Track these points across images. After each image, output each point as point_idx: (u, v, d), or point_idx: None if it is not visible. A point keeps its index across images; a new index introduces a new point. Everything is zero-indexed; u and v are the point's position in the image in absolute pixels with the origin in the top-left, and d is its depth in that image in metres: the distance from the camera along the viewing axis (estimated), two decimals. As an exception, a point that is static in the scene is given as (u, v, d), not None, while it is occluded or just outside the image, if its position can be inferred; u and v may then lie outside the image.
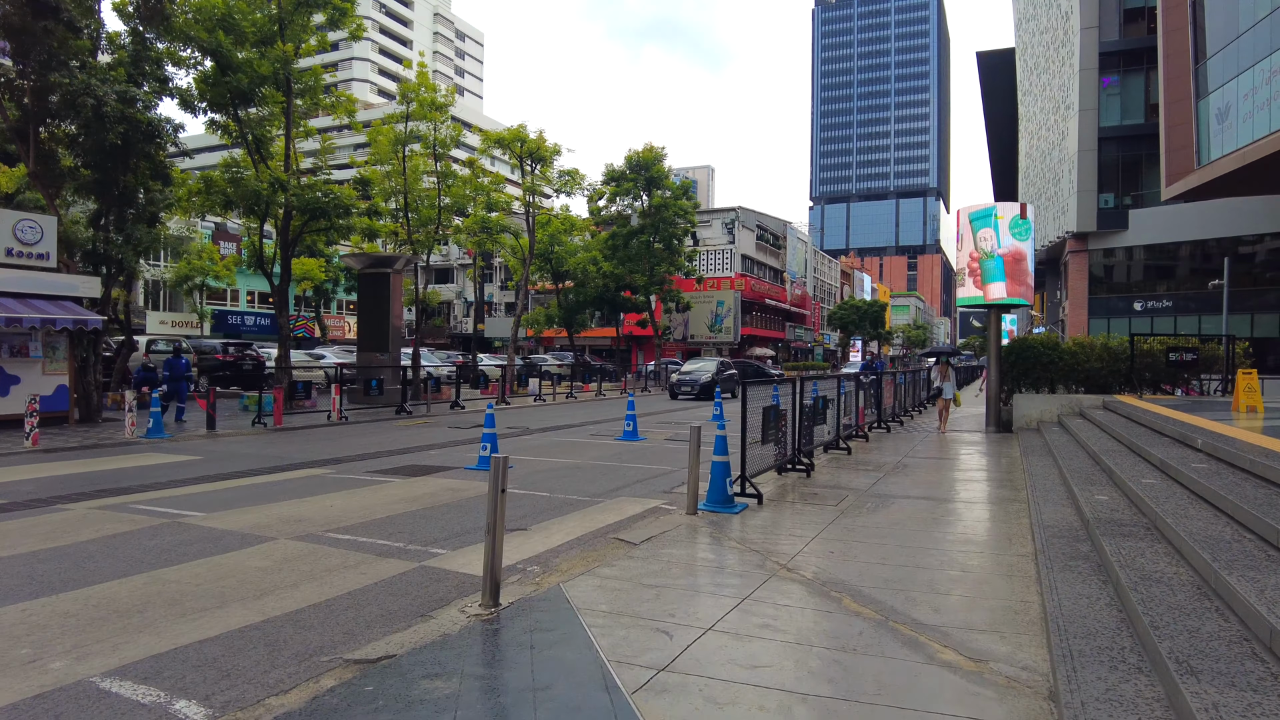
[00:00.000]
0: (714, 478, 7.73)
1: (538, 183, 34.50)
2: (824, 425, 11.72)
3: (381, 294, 25.45)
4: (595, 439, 14.88)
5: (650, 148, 43.24)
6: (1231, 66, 28.84)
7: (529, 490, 9.00)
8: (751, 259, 59.32)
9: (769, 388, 9.69)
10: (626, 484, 9.53)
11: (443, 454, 12.40)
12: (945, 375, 15.96)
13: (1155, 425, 9.86)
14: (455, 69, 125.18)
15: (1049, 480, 8.75)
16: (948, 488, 9.18)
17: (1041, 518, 6.71)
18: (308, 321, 51.75)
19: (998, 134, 63.31)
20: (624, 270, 42.38)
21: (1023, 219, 15.43)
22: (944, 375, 15.98)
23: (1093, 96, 39.62)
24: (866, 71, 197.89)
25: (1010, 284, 15.39)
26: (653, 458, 12.06)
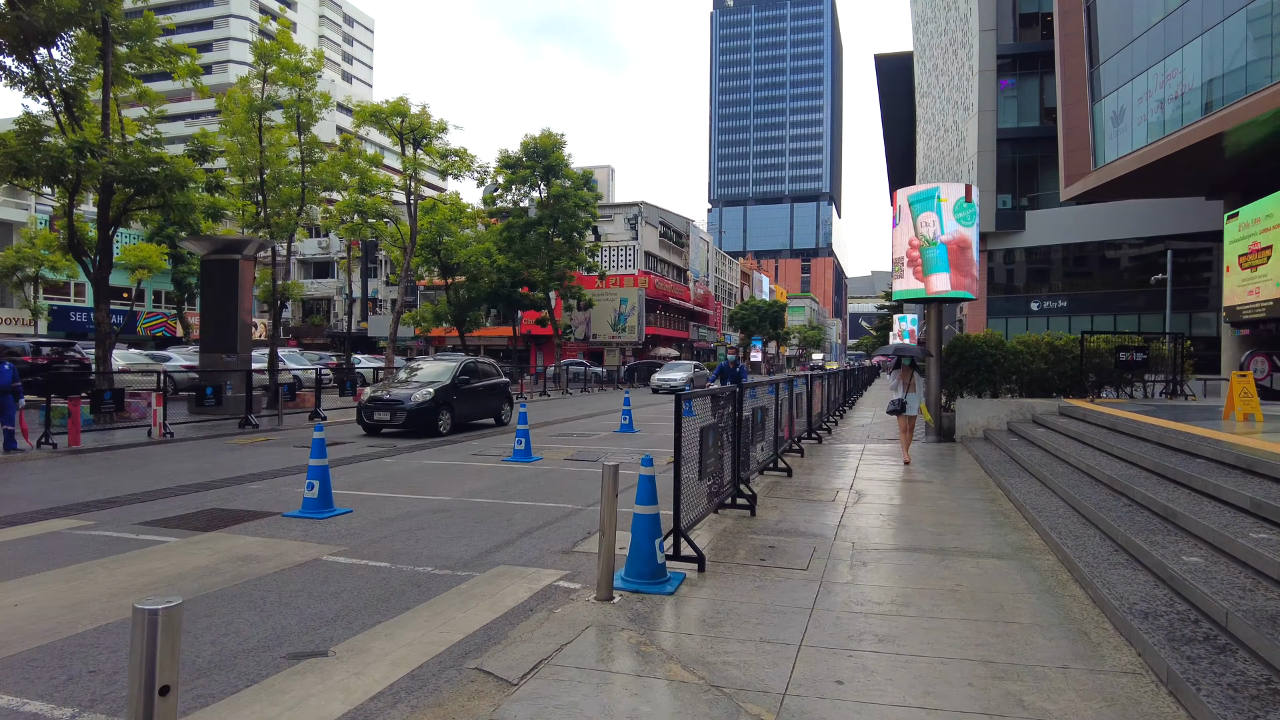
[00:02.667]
0: (637, 542, 5.19)
1: (421, 162, 30.99)
2: (760, 442, 9.45)
3: (228, 284, 21.51)
4: (477, 460, 12.04)
5: (549, 134, 40.38)
6: (1126, 70, 28.92)
7: (363, 558, 6.15)
8: (655, 256, 57.37)
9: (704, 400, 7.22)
10: (510, 539, 6.82)
11: (267, 489, 9.30)
12: (909, 384, 11.47)
13: (1154, 438, 8.08)
14: (343, 55, 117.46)
15: (1062, 519, 6.71)
16: (934, 530, 7.01)
17: (1113, 595, 4.55)
18: (167, 319, 45.79)
19: (895, 136, 64.13)
20: (521, 264, 39.30)
21: (968, 202, 13.74)
22: (907, 384, 11.45)
23: (991, 98, 39.78)
24: (763, 76, 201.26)
25: (955, 275, 13.67)
26: (550, 490, 9.39)
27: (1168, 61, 26.62)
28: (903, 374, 11.48)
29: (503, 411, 18.22)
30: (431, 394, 15.31)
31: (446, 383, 15.95)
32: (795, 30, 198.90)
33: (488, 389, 17.61)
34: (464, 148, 31.49)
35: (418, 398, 15.19)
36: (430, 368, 16.99)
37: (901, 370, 11.52)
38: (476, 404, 17.12)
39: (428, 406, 15.18)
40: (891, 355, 12.18)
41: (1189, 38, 25.64)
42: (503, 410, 18.23)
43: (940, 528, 7.07)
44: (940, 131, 49.94)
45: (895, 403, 11.48)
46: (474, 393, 16.91)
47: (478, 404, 17.20)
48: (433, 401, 15.24)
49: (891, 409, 11.54)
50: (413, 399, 15.15)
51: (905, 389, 11.42)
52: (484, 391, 17.38)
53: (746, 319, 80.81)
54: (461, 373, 16.54)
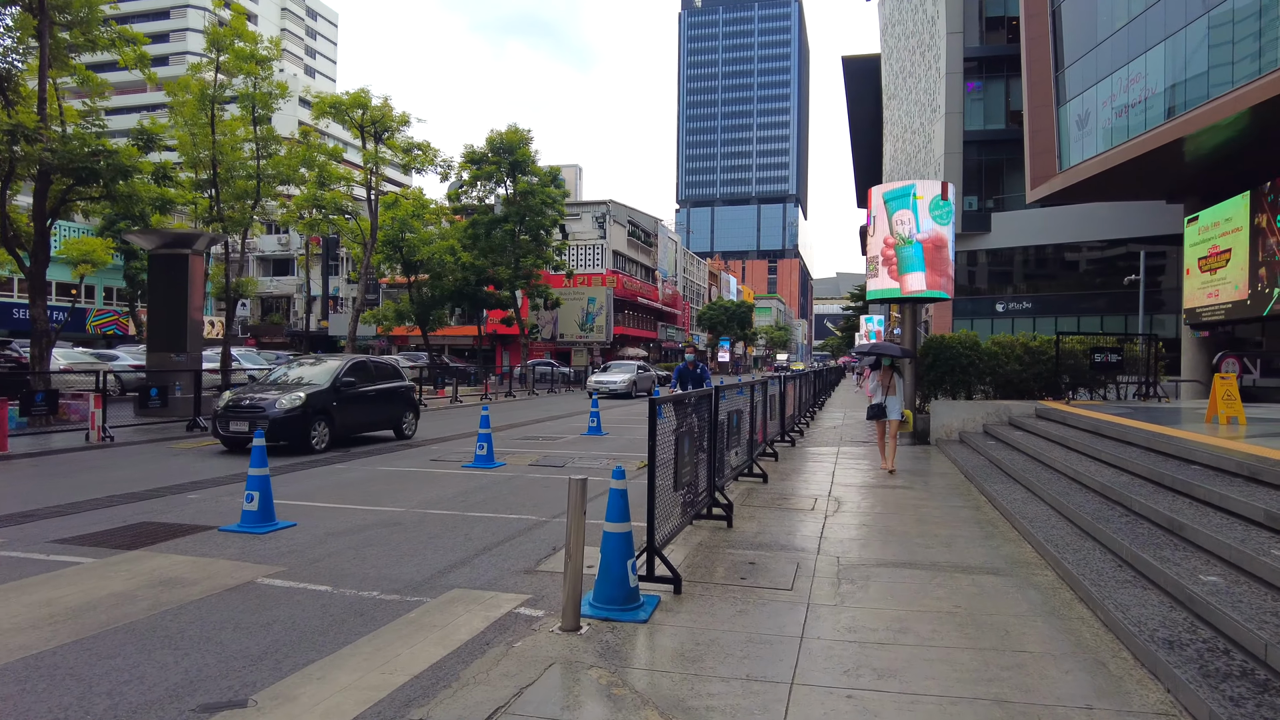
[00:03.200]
0: (608, 563, 4.67)
1: (383, 157, 30.08)
2: (735, 447, 9.00)
3: (177, 280, 20.46)
4: (437, 466, 11.41)
5: (515, 129, 39.64)
6: (1091, 75, 29.16)
7: (302, 580, 5.54)
8: (624, 255, 56.86)
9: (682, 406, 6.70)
10: (467, 556, 6.25)
11: (207, 500, 8.59)
12: (889, 386, 10.69)
13: (1142, 442, 7.81)
14: (306, 49, 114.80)
15: (1056, 530, 6.36)
16: (922, 542, 6.61)
17: (1128, 618, 4.17)
18: (118, 317, 44.00)
19: (862, 138, 64.46)
20: (486, 262, 38.47)
21: (944, 199, 13.47)
22: (888, 386, 10.68)
23: (958, 100, 40.01)
24: (730, 78, 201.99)
25: (930, 274, 13.39)
26: (512, 499, 8.82)
27: (1131, 66, 26.85)
28: (883, 375, 10.73)
29: (404, 421, 15.19)
30: (302, 400, 12.52)
31: (324, 386, 13.13)
32: (763, 32, 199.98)
33: (383, 394, 14.65)
34: (427, 142, 30.68)
35: (284, 404, 12.36)
36: (311, 368, 14.41)
37: (881, 371, 10.78)
38: (367, 412, 14.25)
39: (296, 415, 12.33)
40: (871, 354, 11.53)
41: (1152, 43, 25.87)
42: (404, 420, 15.21)
43: (927, 539, 6.67)
44: (907, 133, 50.23)
45: (875, 407, 10.71)
46: (364, 399, 14.00)
47: (369, 412, 14.32)
48: (303, 409, 12.44)
49: (871, 414, 10.81)
50: (278, 406, 12.33)
51: (885, 392, 10.65)
52: (377, 397, 14.44)
53: (715, 319, 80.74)
54: (347, 374, 13.70)
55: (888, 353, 11.03)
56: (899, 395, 10.90)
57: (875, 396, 10.80)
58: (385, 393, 14.76)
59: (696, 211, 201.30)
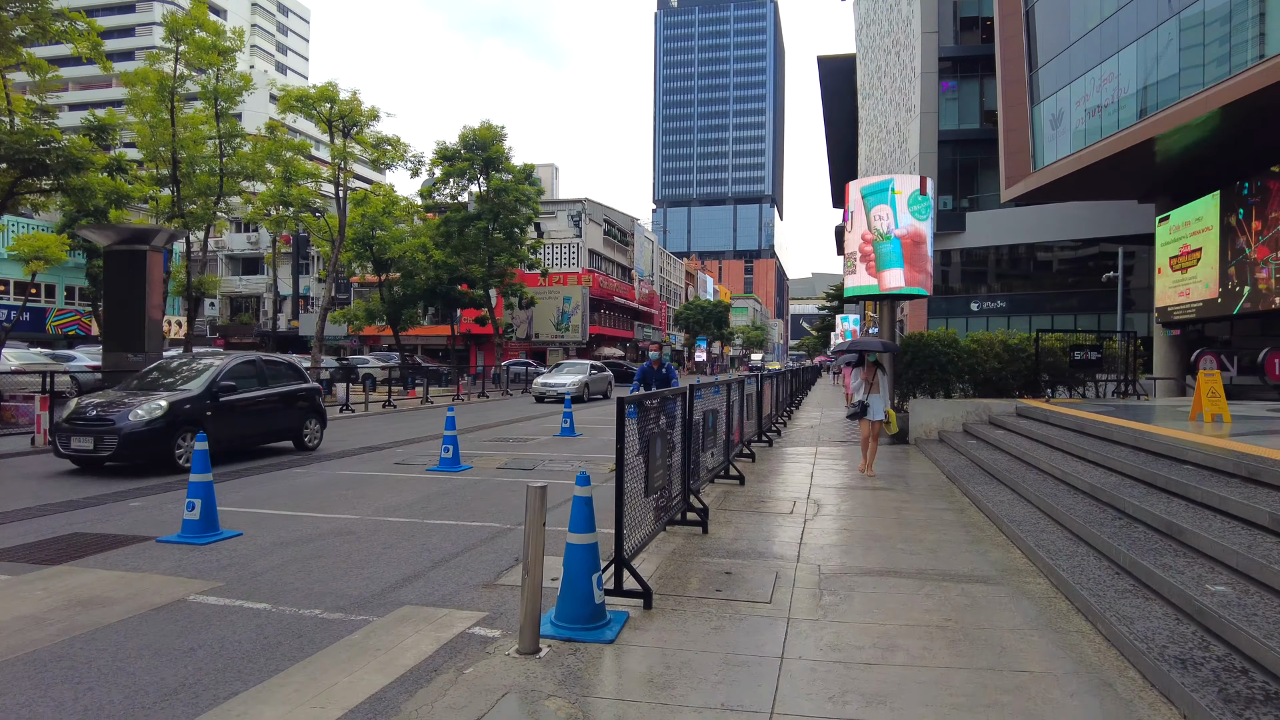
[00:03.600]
0: (571, 578, 4.27)
1: (351, 153, 29.34)
2: (711, 448, 8.65)
3: (135, 277, 19.63)
4: (400, 470, 10.92)
5: (488, 126, 39.00)
6: (1064, 74, 29.28)
7: (239, 597, 5.06)
8: (600, 254, 56.40)
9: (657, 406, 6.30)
10: (422, 569, 5.80)
11: (150, 507, 8.04)
12: (873, 383, 10.15)
13: (1129, 441, 7.58)
14: (277, 45, 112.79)
15: (1046, 534, 6.06)
16: (906, 548, 6.28)
17: (1132, 632, 3.85)
18: (80, 316, 42.66)
19: (837, 137, 64.59)
20: (459, 260, 37.78)
21: (923, 195, 13.24)
22: (871, 383, 10.14)
23: (933, 100, 40.10)
24: (706, 78, 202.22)
25: (909, 271, 13.15)
26: (476, 505, 8.37)
27: (1104, 66, 26.97)
28: (866, 372, 10.14)
29: (305, 431, 12.99)
30: (164, 409, 10.30)
31: (195, 392, 10.95)
32: (739, 33, 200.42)
33: (276, 400, 12.31)
34: (397, 136, 30.01)
35: (141, 415, 10.18)
36: (185, 370, 11.99)
37: (865, 368, 10.18)
38: (255, 421, 11.91)
39: (157, 428, 10.20)
40: (851, 352, 10.91)
41: (1124, 43, 25.98)
42: (305, 429, 12.99)
43: (911, 544, 6.35)
44: (882, 133, 50.36)
45: (857, 405, 10.12)
46: (250, 406, 11.68)
47: (257, 421, 11.97)
48: (165, 421, 10.27)
49: (852, 413, 10.24)
50: (132, 417, 10.15)
51: (869, 390, 10.08)
52: (268, 404, 12.16)
53: (691, 319, 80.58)
54: (228, 376, 11.46)
55: (871, 348, 10.53)
56: (883, 394, 10.33)
57: (858, 395, 10.22)
58: (281, 398, 12.48)
59: (673, 212, 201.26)
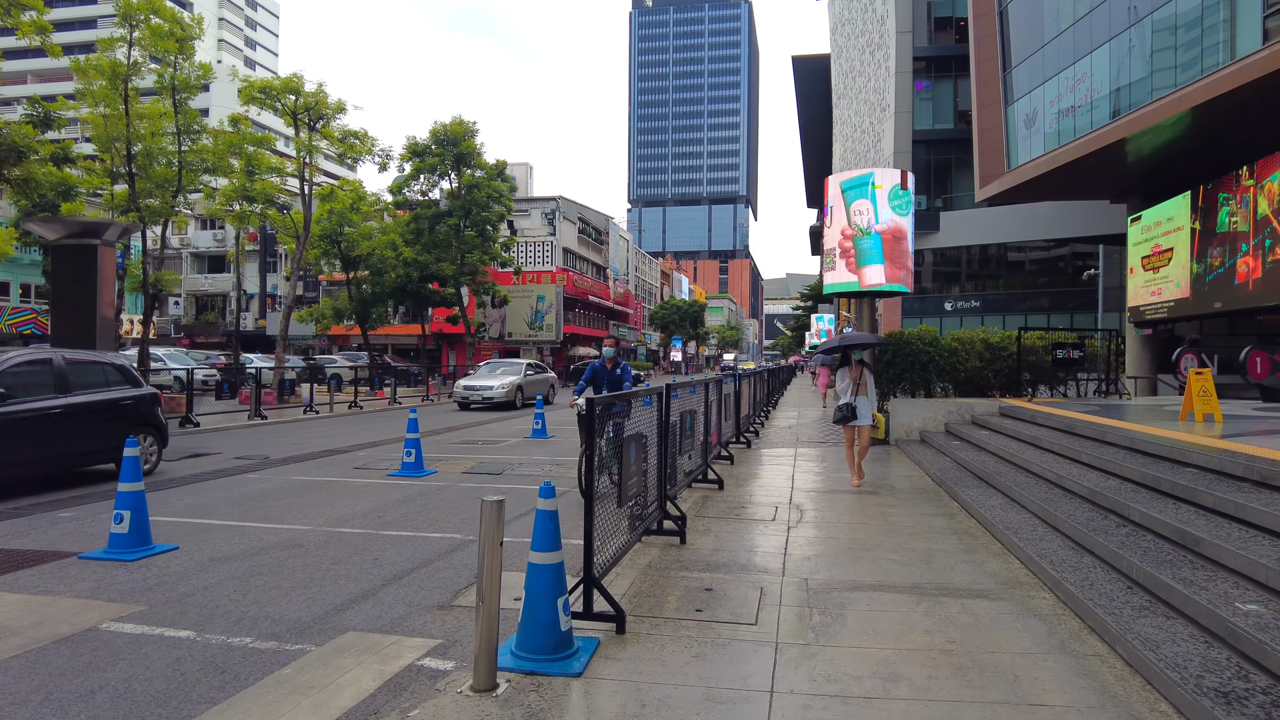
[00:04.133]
0: (534, 603, 3.77)
1: (317, 147, 28.46)
2: (688, 451, 8.20)
3: (85, 273, 18.75)
4: (360, 475, 10.32)
5: (460, 121, 38.28)
6: (1038, 74, 29.32)
7: (161, 624, 4.50)
8: (574, 253, 55.78)
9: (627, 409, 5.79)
10: (372, 587, 5.26)
11: (81, 519, 7.39)
12: (860, 384, 9.13)
13: (1123, 442, 7.27)
14: (245, 40, 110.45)
15: (1046, 543, 5.69)
16: (897, 558, 5.87)
17: (1159, 658, 3.47)
18: (36, 315, 41.11)
19: (812, 138, 64.64)
20: (429, 258, 36.99)
21: (903, 189, 12.92)
22: (859, 383, 9.12)
23: (908, 100, 40.12)
24: (681, 78, 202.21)
25: (889, 268, 12.83)
26: (438, 514, 7.83)
27: (1077, 66, 27.02)
28: (853, 371, 9.14)
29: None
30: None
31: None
32: (713, 33, 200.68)
33: (79, 413, 9.14)
34: (364, 130, 29.14)
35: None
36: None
37: (852, 367, 9.17)
38: (35, 442, 8.61)
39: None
40: (840, 349, 9.69)
41: (1097, 43, 26.03)
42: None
43: (903, 554, 5.94)
44: (857, 133, 50.40)
45: (843, 408, 9.04)
46: (36, 420, 8.56)
47: (40, 441, 8.66)
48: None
49: (839, 417, 9.11)
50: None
51: (855, 391, 9.06)
52: (67, 417, 8.97)
53: (667, 318, 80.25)
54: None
55: (860, 344, 9.63)
56: (871, 395, 9.28)
57: (844, 396, 9.15)
58: (87, 410, 9.33)
59: (648, 211, 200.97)
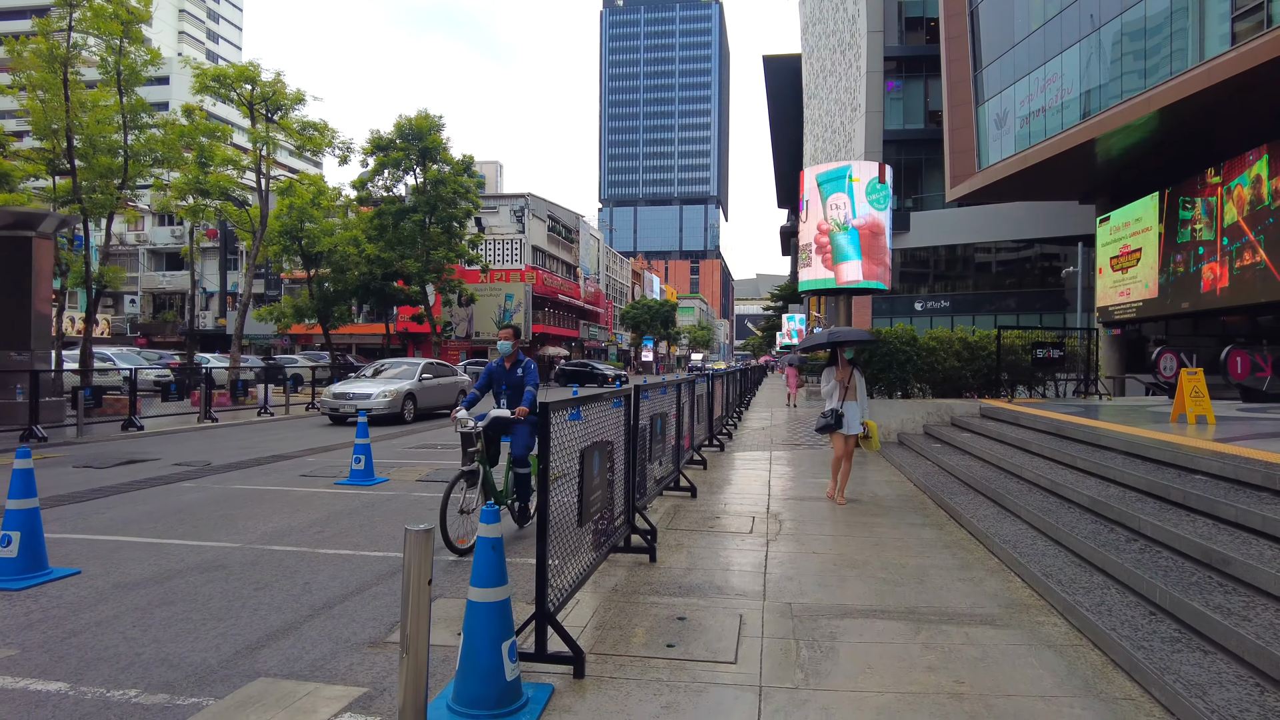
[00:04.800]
0: (474, 648, 3.15)
1: (274, 140, 27.39)
2: (660, 457, 7.62)
3: (19, 267, 17.71)
4: (305, 483, 9.57)
5: (425, 115, 37.36)
6: (1009, 75, 29.31)
7: (31, 673, 3.78)
8: (543, 251, 54.95)
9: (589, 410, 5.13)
10: (296, 619, 4.58)
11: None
12: (848, 386, 7.99)
13: (1120, 446, 6.85)
14: (208, 33, 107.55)
15: (1050, 559, 5.21)
16: (888, 577, 5.35)
17: (1209, 706, 2.97)
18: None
19: (783, 137, 64.54)
20: (393, 255, 35.97)
21: (881, 183, 12.49)
22: (845, 386, 7.98)
23: (879, 99, 40.05)
24: (652, 78, 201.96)
25: (866, 263, 12.39)
26: (383, 529, 7.14)
27: (1048, 67, 27.01)
28: (840, 372, 7.99)
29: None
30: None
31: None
32: (684, 33, 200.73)
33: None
34: (324, 121, 28.12)
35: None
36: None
37: (839, 367, 8.02)
38: None
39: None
40: (827, 344, 8.50)
41: (1067, 44, 26.03)
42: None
43: (893, 572, 5.42)
44: (828, 133, 50.31)
45: (829, 415, 7.87)
46: None
47: None
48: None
49: (822, 424, 7.92)
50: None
51: (842, 395, 7.91)
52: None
53: (638, 318, 79.75)
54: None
55: (850, 339, 8.30)
56: (861, 400, 8.09)
57: (830, 400, 8.01)
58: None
59: (619, 211, 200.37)
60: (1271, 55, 15.16)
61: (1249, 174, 20.01)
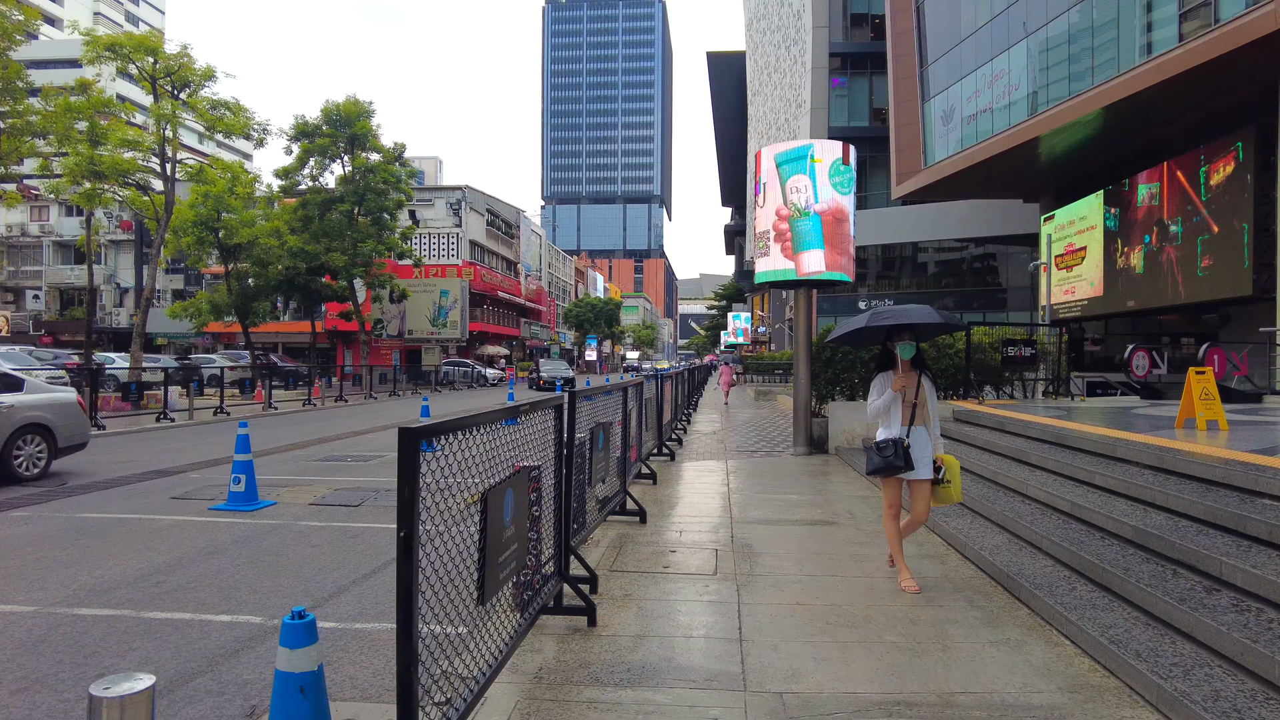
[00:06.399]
0: None
1: (181, 120, 24.96)
2: (602, 478, 6.28)
3: None
4: (173, 508, 7.86)
5: (354, 100, 35.12)
6: (955, 71, 28.93)
7: None
8: (482, 246, 52.89)
9: None
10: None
11: None
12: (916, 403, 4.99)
13: (1146, 460, 5.82)
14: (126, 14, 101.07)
15: (1104, 613, 4.07)
16: (900, 640, 4.12)
17: None
18: None
19: (727, 135, 63.92)
20: (319, 248, 33.60)
21: (845, 164, 11.39)
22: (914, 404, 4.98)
23: (824, 95, 39.51)
24: (595, 75, 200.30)
25: (830, 253, 11.27)
26: (245, 575, 5.58)
27: (995, 63, 26.64)
28: (900, 377, 4.92)
29: None
30: None
31: None
32: (628, 31, 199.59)
33: None
34: (237, 100, 25.77)
35: None
36: None
37: (898, 370, 4.96)
38: None
39: None
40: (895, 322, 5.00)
41: (1015, 40, 25.68)
42: None
43: (905, 631, 4.20)
44: (772, 130, 49.72)
45: (888, 448, 4.89)
46: None
47: None
48: None
49: (880, 464, 4.93)
50: None
51: (908, 415, 4.94)
52: None
53: (581, 317, 78.16)
54: None
55: (917, 323, 4.95)
56: (934, 423, 5.02)
57: (888, 424, 5.02)
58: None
59: (563, 209, 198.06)
60: (1218, 52, 14.81)
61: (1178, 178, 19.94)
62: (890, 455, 4.88)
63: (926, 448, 4.98)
